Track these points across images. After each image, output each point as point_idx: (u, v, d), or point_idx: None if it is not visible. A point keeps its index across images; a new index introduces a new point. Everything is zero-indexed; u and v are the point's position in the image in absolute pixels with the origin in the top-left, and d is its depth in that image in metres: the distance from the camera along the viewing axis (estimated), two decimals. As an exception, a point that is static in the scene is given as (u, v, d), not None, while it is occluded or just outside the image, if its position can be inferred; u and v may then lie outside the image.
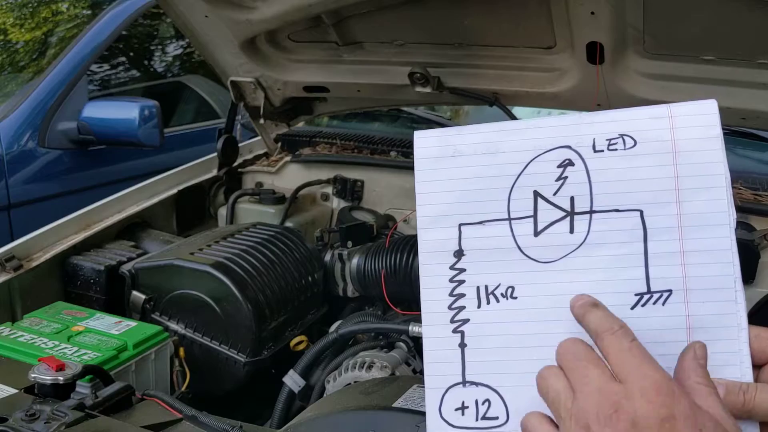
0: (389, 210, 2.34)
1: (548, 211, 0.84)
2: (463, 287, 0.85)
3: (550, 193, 0.84)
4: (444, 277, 0.86)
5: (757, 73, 1.65)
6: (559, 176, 0.84)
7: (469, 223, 0.86)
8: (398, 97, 2.21)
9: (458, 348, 0.85)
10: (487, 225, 0.85)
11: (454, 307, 0.86)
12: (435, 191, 0.87)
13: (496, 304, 0.84)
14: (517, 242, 0.84)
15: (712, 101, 0.82)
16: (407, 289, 1.83)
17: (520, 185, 0.85)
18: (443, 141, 0.88)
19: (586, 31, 1.69)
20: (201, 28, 2.04)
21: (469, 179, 0.86)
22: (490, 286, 0.84)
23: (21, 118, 3.15)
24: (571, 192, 0.83)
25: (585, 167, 0.83)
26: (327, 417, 1.17)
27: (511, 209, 0.85)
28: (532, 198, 0.84)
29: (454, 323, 0.85)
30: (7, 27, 3.72)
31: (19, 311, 1.71)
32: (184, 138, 3.79)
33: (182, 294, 1.69)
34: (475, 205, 0.86)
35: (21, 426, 1.09)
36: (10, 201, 3.05)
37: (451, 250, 0.86)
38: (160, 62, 4.14)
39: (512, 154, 0.85)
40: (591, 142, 0.83)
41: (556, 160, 0.84)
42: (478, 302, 0.84)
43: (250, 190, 2.40)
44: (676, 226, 0.80)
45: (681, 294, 0.80)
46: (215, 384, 1.67)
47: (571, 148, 0.83)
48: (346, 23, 1.96)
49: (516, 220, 0.85)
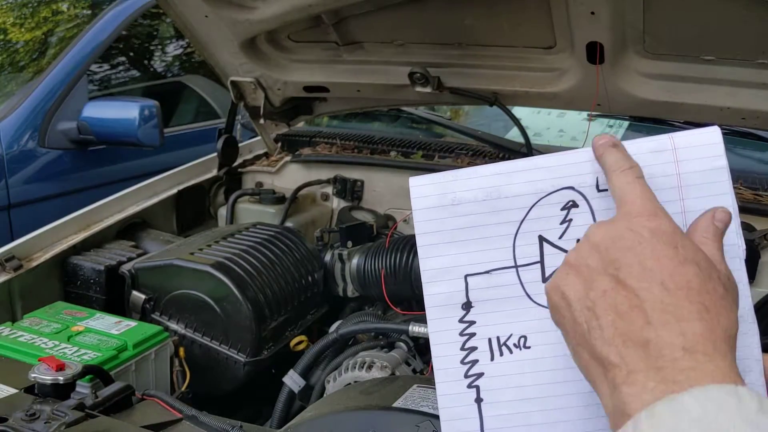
0: (389, 210, 2.34)
1: (555, 255, 0.81)
2: (474, 340, 0.82)
3: (556, 237, 0.82)
4: (454, 331, 0.83)
5: (757, 73, 1.65)
6: (564, 219, 0.81)
7: (476, 273, 0.83)
8: (398, 97, 2.21)
9: (474, 403, 0.82)
10: (494, 274, 0.83)
11: (466, 362, 0.82)
12: (438, 242, 0.84)
13: (510, 355, 0.81)
14: (526, 290, 0.82)
15: (715, 129, 0.79)
16: (407, 289, 1.83)
17: (525, 231, 0.82)
18: (441, 189, 0.84)
19: (586, 31, 1.69)
20: (201, 28, 2.04)
21: (472, 228, 0.83)
22: (501, 337, 0.82)
23: (21, 118, 3.15)
24: (577, 234, 0.80)
25: (590, 208, 0.81)
26: (327, 417, 1.17)
27: (517, 256, 0.82)
28: (537, 243, 0.82)
29: (468, 378, 0.82)
30: (7, 27, 3.72)
31: (19, 311, 1.71)
32: (184, 138, 3.79)
33: (182, 294, 1.69)
34: (480, 254, 0.83)
35: (21, 426, 1.09)
36: (10, 201, 3.05)
37: (459, 303, 0.83)
38: (160, 62, 4.14)
39: (514, 199, 0.82)
40: (594, 181, 0.81)
41: (560, 202, 0.81)
42: (491, 355, 0.82)
43: (250, 190, 2.40)
44: None
45: None
46: (215, 384, 1.67)
47: (575, 189, 0.81)
48: (346, 23, 1.96)
49: (523, 267, 0.82)
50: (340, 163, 2.42)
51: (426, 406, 1.13)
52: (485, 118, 2.80)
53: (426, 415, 1.10)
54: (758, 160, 2.42)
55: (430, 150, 2.36)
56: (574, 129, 2.66)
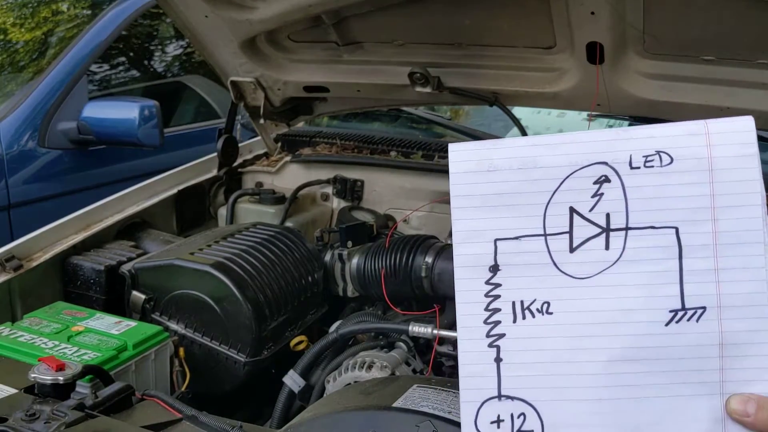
0: (389, 210, 2.34)
1: (584, 227, 0.85)
2: (498, 302, 0.86)
3: (586, 210, 0.85)
4: (480, 292, 0.87)
5: (758, 73, 1.65)
6: (595, 192, 0.84)
7: (505, 239, 0.86)
8: (398, 97, 2.21)
9: (494, 362, 0.85)
10: (523, 240, 0.86)
11: (489, 322, 0.86)
12: (470, 206, 0.87)
13: (532, 319, 0.85)
14: (553, 258, 0.85)
15: (749, 118, 0.82)
16: (407, 289, 1.83)
17: (556, 201, 0.86)
18: (479, 155, 0.88)
19: (586, 31, 1.69)
20: (201, 28, 2.04)
21: (505, 194, 0.87)
22: (525, 301, 0.85)
23: (21, 118, 3.15)
24: (607, 208, 0.84)
25: (621, 184, 0.84)
26: (327, 417, 1.17)
27: (546, 225, 0.86)
28: (568, 214, 0.85)
29: (489, 337, 0.86)
30: (7, 27, 3.72)
31: (19, 311, 1.71)
32: (184, 138, 3.79)
33: (182, 294, 1.69)
34: (511, 220, 0.86)
35: (21, 426, 1.09)
36: (10, 201, 3.05)
37: (487, 265, 0.87)
38: (160, 62, 4.13)
39: (548, 170, 0.86)
40: (627, 158, 0.84)
41: (593, 176, 0.85)
42: (514, 317, 0.85)
43: (250, 190, 2.40)
44: (711, 243, 0.81)
45: (715, 311, 0.81)
46: (215, 384, 1.67)
47: (608, 165, 0.84)
48: (346, 23, 1.96)
49: (552, 236, 0.85)
50: (340, 163, 2.42)
51: (426, 406, 1.13)
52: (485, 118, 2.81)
53: (426, 415, 1.10)
54: (759, 160, 2.41)
55: (430, 150, 2.36)
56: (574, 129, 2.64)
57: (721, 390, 0.80)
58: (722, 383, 0.80)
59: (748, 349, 0.79)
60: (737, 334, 0.80)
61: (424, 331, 1.54)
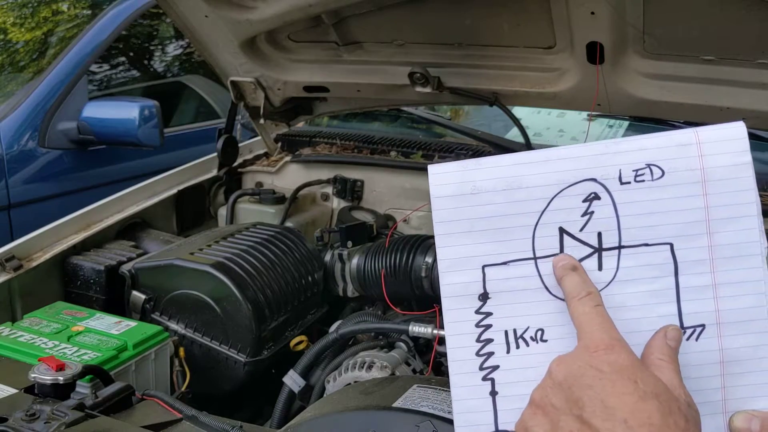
0: (389, 210, 2.34)
1: (575, 248, 0.81)
2: (490, 332, 0.81)
3: (577, 229, 0.81)
4: (470, 322, 0.82)
5: (757, 73, 1.65)
6: (585, 211, 0.80)
7: (493, 264, 0.82)
8: (398, 97, 2.21)
9: (489, 396, 0.81)
10: (512, 265, 0.82)
11: (482, 354, 0.81)
12: (455, 232, 0.83)
13: (526, 348, 0.80)
14: (544, 282, 0.81)
15: (741, 124, 0.79)
16: (407, 289, 1.83)
17: (545, 222, 0.81)
18: (461, 177, 0.83)
19: (586, 31, 1.69)
20: (201, 28, 2.04)
21: (491, 218, 0.82)
22: (518, 329, 0.81)
23: (21, 118, 3.16)
24: (598, 227, 0.80)
25: (612, 201, 0.80)
26: (327, 417, 1.17)
27: (536, 247, 0.81)
28: (557, 235, 0.81)
29: (483, 370, 0.81)
30: (7, 27, 3.72)
31: (19, 311, 1.71)
32: (184, 138, 3.79)
33: (182, 294, 1.69)
34: (498, 245, 0.82)
35: (21, 426, 1.09)
36: (10, 201, 3.05)
37: (476, 294, 0.82)
38: (160, 62, 4.14)
39: (535, 190, 0.81)
40: (617, 173, 0.80)
41: (581, 194, 0.80)
42: (507, 347, 0.81)
43: (250, 190, 2.40)
44: (708, 258, 0.78)
45: (714, 328, 0.78)
46: (215, 384, 1.67)
47: (597, 181, 0.80)
48: (346, 23, 1.96)
49: (542, 259, 0.81)
50: (340, 163, 2.42)
51: (426, 406, 1.13)
52: (485, 118, 2.80)
53: (426, 415, 1.10)
54: (758, 160, 2.41)
55: (430, 150, 2.36)
56: (574, 129, 2.66)
57: (724, 408, 0.78)
58: (725, 402, 0.78)
59: (749, 365, 0.77)
60: (738, 351, 0.77)
61: (424, 331, 1.54)
